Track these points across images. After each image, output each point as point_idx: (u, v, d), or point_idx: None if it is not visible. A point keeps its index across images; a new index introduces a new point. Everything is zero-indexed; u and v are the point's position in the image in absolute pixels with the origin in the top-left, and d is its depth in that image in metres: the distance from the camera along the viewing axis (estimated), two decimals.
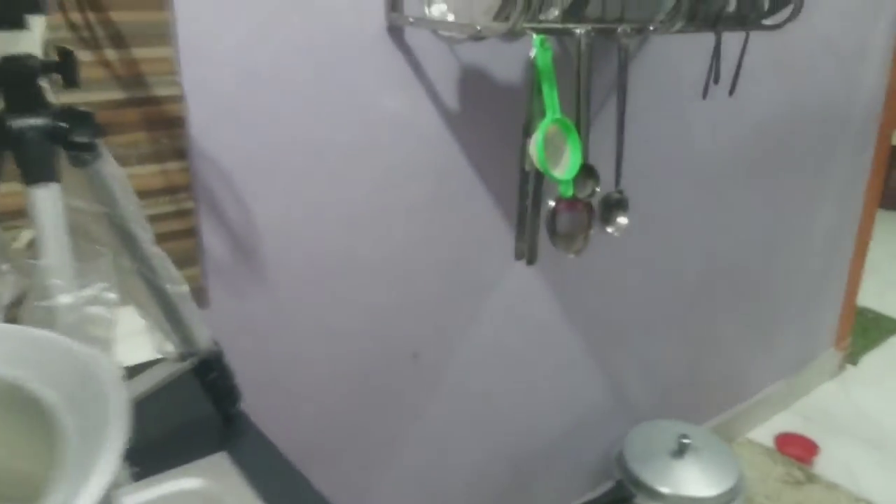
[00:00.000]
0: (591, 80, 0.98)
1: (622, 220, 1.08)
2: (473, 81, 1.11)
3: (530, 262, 0.99)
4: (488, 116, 1.14)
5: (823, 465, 1.93)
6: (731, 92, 1.21)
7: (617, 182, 1.07)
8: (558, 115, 0.90)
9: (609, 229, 1.08)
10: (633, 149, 1.25)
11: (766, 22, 1.17)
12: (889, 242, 3.10)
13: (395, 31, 1.02)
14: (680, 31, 1.06)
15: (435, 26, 1.00)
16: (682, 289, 1.69)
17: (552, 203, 0.98)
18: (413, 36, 1.04)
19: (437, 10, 0.99)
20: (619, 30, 0.98)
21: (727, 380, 1.99)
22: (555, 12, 0.95)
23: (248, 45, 0.90)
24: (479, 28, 0.88)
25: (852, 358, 2.50)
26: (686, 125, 1.49)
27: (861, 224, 2.26)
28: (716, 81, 1.16)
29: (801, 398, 2.28)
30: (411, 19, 0.99)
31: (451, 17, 0.98)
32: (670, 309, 1.69)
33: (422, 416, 1.28)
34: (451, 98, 1.09)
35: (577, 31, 0.93)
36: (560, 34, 0.94)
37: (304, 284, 1.04)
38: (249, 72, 0.91)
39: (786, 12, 1.15)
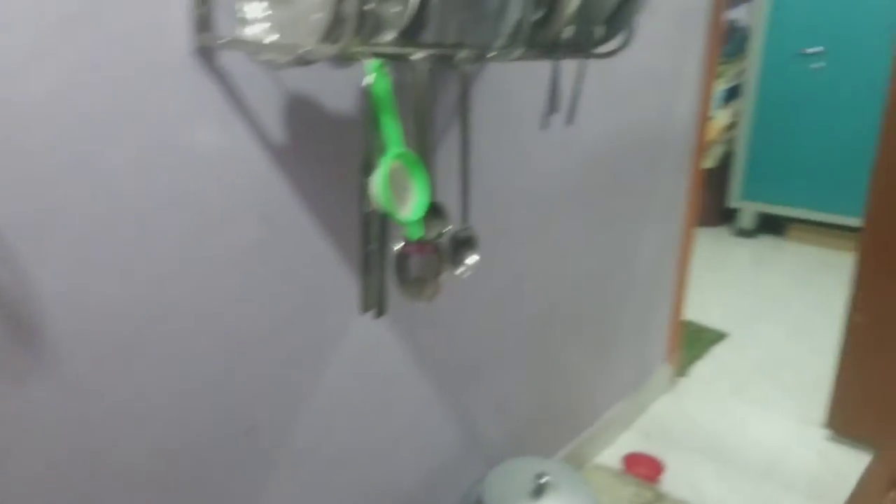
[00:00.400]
0: (432, 109, 0.89)
1: (472, 259, 1.00)
2: (302, 112, 0.98)
3: (379, 314, 0.87)
4: (321, 152, 1.02)
5: (670, 482, 1.98)
6: (569, 121, 1.18)
7: (464, 218, 0.98)
8: (402, 150, 0.80)
9: (458, 270, 0.99)
10: (473, 181, 1.18)
11: (601, 50, 1.16)
12: (703, 257, 3.34)
13: (206, 55, 0.87)
14: (519, 59, 1.01)
15: (251, 49, 0.87)
16: (528, 321, 1.66)
17: (399, 247, 0.88)
18: (229, 60, 0.89)
19: (254, 31, 0.86)
20: (459, 56, 0.90)
21: (574, 407, 2.00)
22: (390, 35, 0.85)
23: (12, 72, 0.71)
24: (304, 51, 0.76)
25: (682, 370, 2.64)
26: (525, 155, 1.46)
27: (682, 242, 2.39)
28: (555, 111, 1.12)
29: (641, 415, 2.35)
30: (222, 41, 0.85)
31: (272, 38, 0.85)
32: (518, 343, 1.65)
33: (264, 496, 1.10)
34: (276, 131, 0.96)
35: (415, 56, 0.84)
36: (396, 59, 0.84)
37: (105, 361, 0.85)
38: (16, 105, 0.72)
39: (618, 40, 1.15)
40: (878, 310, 2.05)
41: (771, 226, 4.39)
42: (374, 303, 0.87)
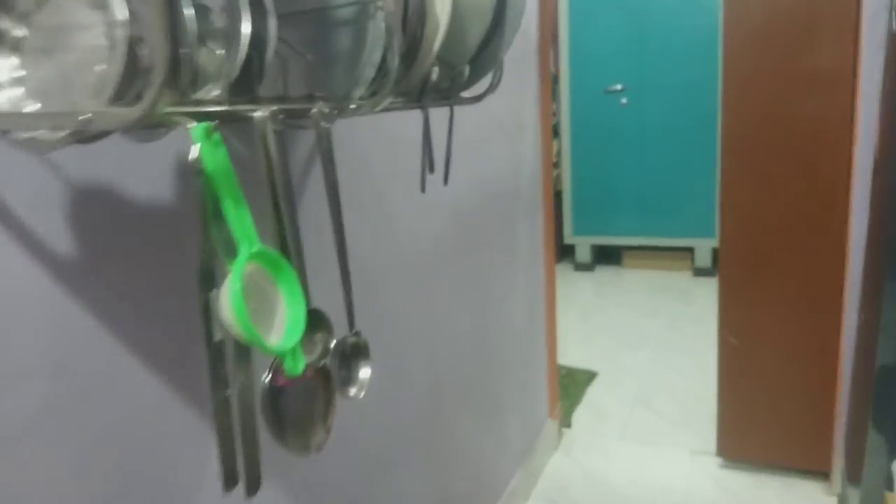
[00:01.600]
0: (289, 183, 0.66)
1: (364, 372, 0.76)
2: (99, 210, 0.69)
3: (251, 490, 0.60)
4: (136, 264, 0.73)
5: None
6: (446, 180, 0.99)
7: (350, 322, 0.74)
8: (257, 247, 0.55)
9: (351, 391, 0.74)
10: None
11: (470, 93, 0.99)
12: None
13: None
14: (386, 109, 0.81)
15: (2, 125, 0.58)
16: (415, 408, 1.42)
17: (268, 379, 0.62)
18: None
19: (3, 99, 0.57)
20: (314, 111, 0.67)
21: (474, 491, 1.77)
22: (216, 89, 0.61)
23: None
24: (85, 118, 0.49)
25: (566, 420, 2.52)
26: (391, 221, 1.25)
27: (547, 287, 2.29)
28: (430, 170, 0.93)
29: (539, 480, 2.18)
30: None
31: (32, 107, 0.57)
32: (408, 438, 1.40)
33: None
34: (63, 243, 0.66)
35: (257, 114, 0.60)
36: (231, 121, 0.60)
37: None
38: None
39: (487, 81, 0.98)
40: (748, 330, 2.06)
41: (607, 256, 4.53)
42: (241, 475, 0.60)
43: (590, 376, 2.88)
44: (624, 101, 4.19)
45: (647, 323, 3.49)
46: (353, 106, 0.73)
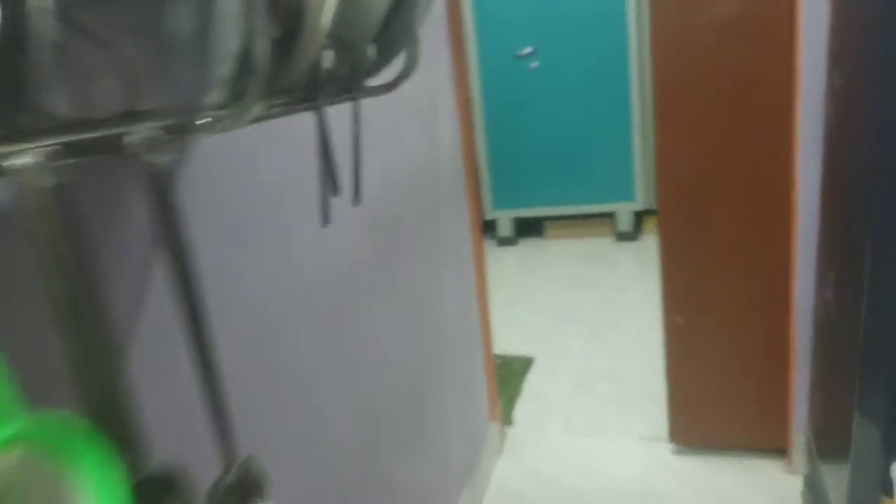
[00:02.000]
0: (96, 272, 0.40)
1: None
2: None
3: None
4: None
5: None
6: (357, 198, 0.75)
7: (227, 450, 0.49)
8: (22, 425, 0.29)
9: None
10: (228, 314, 0.69)
11: (378, 82, 0.74)
12: None
13: None
14: (258, 120, 0.56)
15: None
16: (347, 459, 1.19)
17: None
18: None
19: None
20: (132, 138, 0.42)
21: None
22: None
23: None
24: None
25: (507, 418, 2.35)
26: (292, 244, 0.99)
27: (478, 278, 2.09)
28: (334, 191, 0.68)
29: (488, 491, 2.00)
30: None
31: None
32: (342, 491, 1.17)
33: None
34: None
35: (18, 162, 0.34)
36: None
37: None
38: None
39: (401, 64, 0.74)
40: (694, 307, 1.92)
41: (529, 229, 4.38)
42: None
43: (526, 363, 2.72)
44: (534, 65, 4.00)
45: (577, 297, 3.37)
46: (203, 121, 0.47)
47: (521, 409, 2.42)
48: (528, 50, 3.99)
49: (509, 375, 2.61)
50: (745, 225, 1.80)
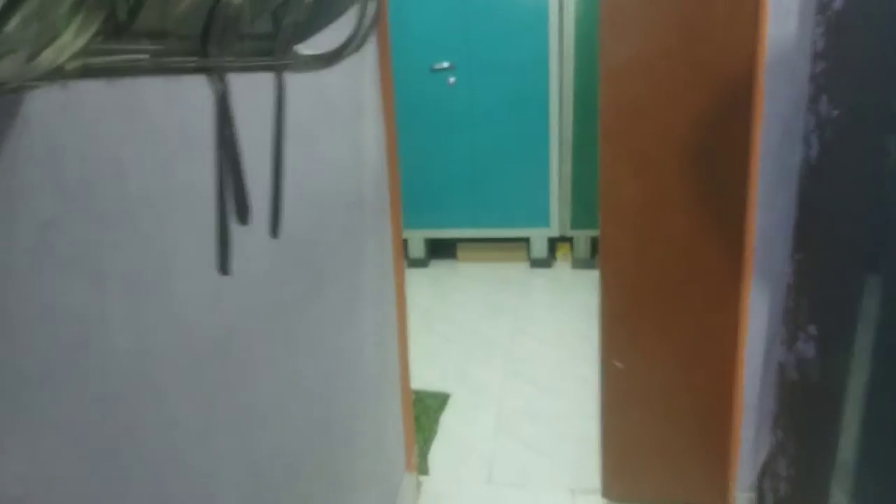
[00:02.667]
0: None
1: None
2: None
3: None
4: None
5: None
6: (275, 230, 0.49)
7: None
8: None
9: None
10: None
11: (311, 52, 0.48)
12: None
13: None
14: (114, 73, 0.29)
15: None
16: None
17: None
18: None
19: None
20: None
21: None
22: None
23: None
24: None
25: (422, 466, 2.09)
26: (170, 285, 0.71)
27: (397, 307, 1.84)
28: (241, 216, 0.41)
29: None
30: None
31: None
32: None
33: None
34: None
35: None
36: None
37: None
38: None
39: (347, 23, 0.49)
40: (635, 350, 1.75)
41: (441, 250, 4.18)
42: None
43: (442, 400, 2.48)
44: (452, 80, 3.81)
45: (492, 326, 3.17)
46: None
47: (438, 453, 2.17)
48: (445, 64, 3.80)
49: (423, 414, 2.36)
50: (695, 265, 1.66)
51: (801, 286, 1.25)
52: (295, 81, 1.00)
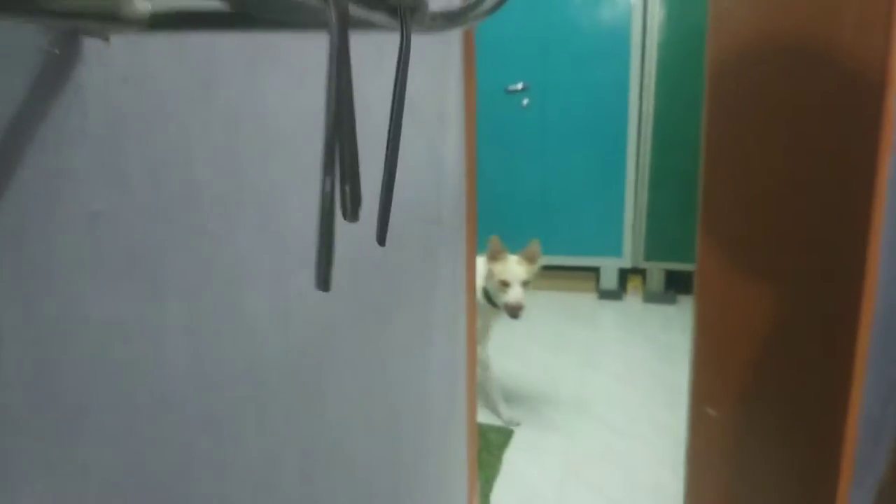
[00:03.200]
0: None
1: None
2: None
3: None
4: None
5: None
6: (383, 237, 0.38)
7: None
8: None
9: None
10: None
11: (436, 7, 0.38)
12: None
13: None
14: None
15: None
16: None
17: None
18: None
19: None
20: None
21: None
22: None
23: None
24: None
25: None
26: (239, 304, 0.60)
27: (468, 337, 1.71)
28: (349, 214, 0.30)
29: None
30: None
31: None
32: None
33: None
34: None
35: None
36: None
37: None
38: None
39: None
40: (732, 398, 1.58)
41: None
42: None
43: (506, 436, 2.33)
44: (525, 101, 3.71)
45: (558, 359, 3.01)
46: None
47: (500, 494, 2.02)
48: (520, 85, 3.70)
49: (485, 450, 2.22)
50: (804, 304, 1.48)
51: None
52: (370, 81, 0.90)
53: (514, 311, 2.28)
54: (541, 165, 3.77)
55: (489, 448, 2.24)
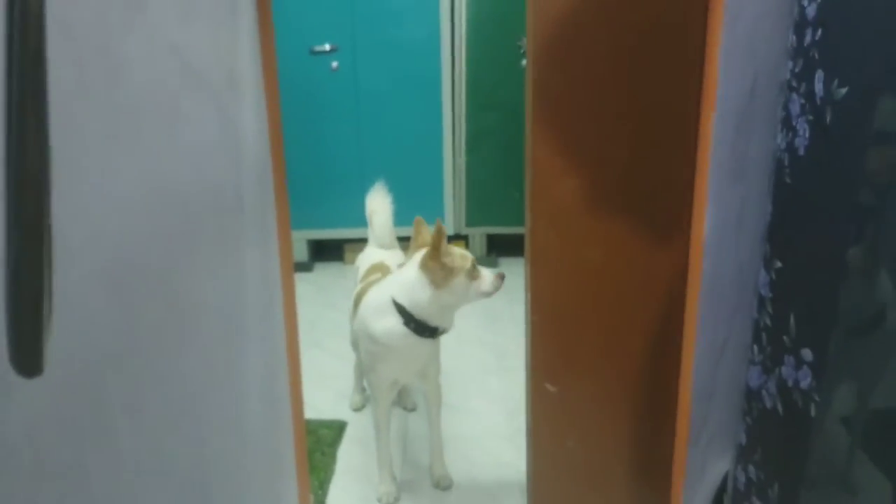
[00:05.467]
0: None
1: None
2: None
3: None
4: None
5: None
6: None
7: None
8: None
9: None
10: None
11: None
12: None
13: None
14: None
15: None
16: None
17: None
18: None
19: None
20: None
21: None
22: None
23: None
24: None
25: None
26: None
27: (287, 331, 1.51)
28: None
29: None
30: None
31: None
32: None
33: None
34: None
35: None
36: None
37: None
38: None
39: None
40: (569, 373, 1.52)
41: (326, 251, 3.82)
42: None
43: (337, 430, 2.15)
44: (335, 64, 3.46)
45: None
46: None
47: (336, 497, 1.85)
48: (327, 46, 3.44)
49: (317, 449, 2.03)
50: (637, 270, 1.45)
51: (784, 301, 1.07)
52: (137, 31, 0.66)
53: (502, 280, 1.72)
54: (355, 132, 3.56)
55: (321, 446, 2.05)
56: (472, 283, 1.68)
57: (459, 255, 1.71)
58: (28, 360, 0.23)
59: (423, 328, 1.69)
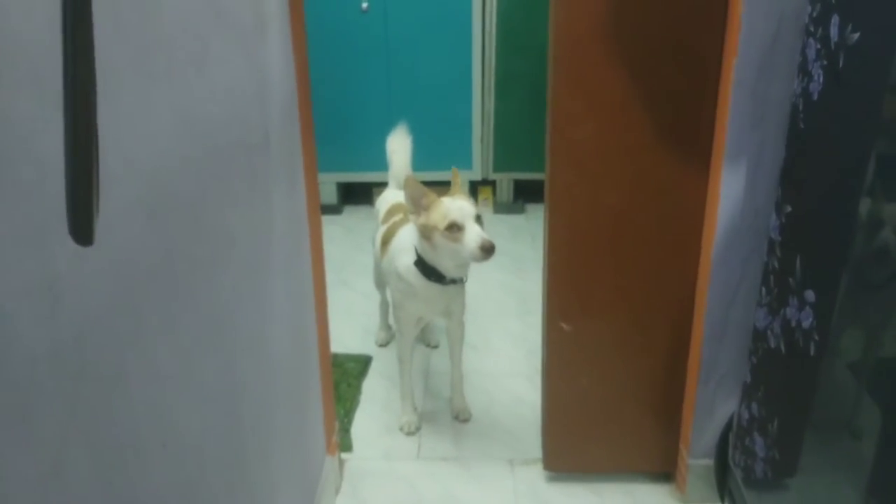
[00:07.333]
0: None
1: None
2: None
3: None
4: None
5: None
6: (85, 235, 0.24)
7: None
8: None
9: None
10: None
11: None
12: None
13: None
14: None
15: None
16: None
17: None
18: None
19: None
20: None
21: None
22: None
23: None
24: None
25: (344, 443, 1.87)
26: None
27: (314, 269, 1.58)
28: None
29: None
30: None
31: None
32: None
33: None
34: None
35: None
36: None
37: None
38: None
39: None
40: (584, 313, 1.57)
41: (355, 195, 3.88)
42: None
43: (363, 363, 2.25)
44: (365, 5, 3.45)
45: None
46: None
47: (361, 426, 1.95)
48: None
49: (343, 381, 2.12)
50: (653, 215, 1.47)
51: (792, 245, 1.09)
52: None
53: (488, 252, 1.60)
54: (385, 77, 3.57)
55: (347, 378, 2.15)
56: (452, 244, 1.62)
57: (440, 214, 1.63)
58: (83, 230, 0.30)
59: (429, 272, 1.73)
